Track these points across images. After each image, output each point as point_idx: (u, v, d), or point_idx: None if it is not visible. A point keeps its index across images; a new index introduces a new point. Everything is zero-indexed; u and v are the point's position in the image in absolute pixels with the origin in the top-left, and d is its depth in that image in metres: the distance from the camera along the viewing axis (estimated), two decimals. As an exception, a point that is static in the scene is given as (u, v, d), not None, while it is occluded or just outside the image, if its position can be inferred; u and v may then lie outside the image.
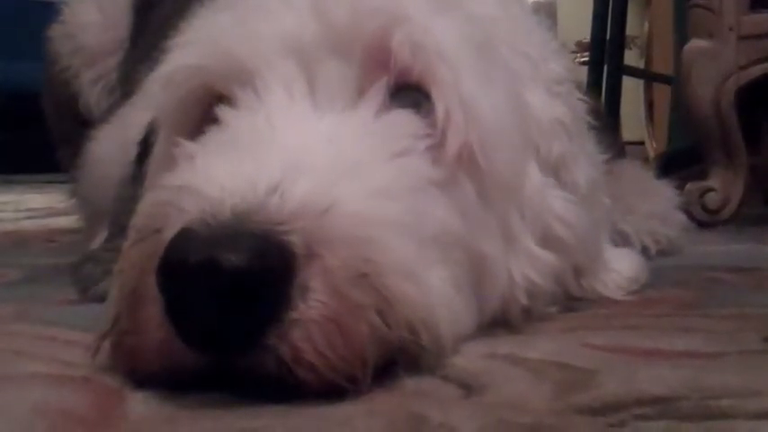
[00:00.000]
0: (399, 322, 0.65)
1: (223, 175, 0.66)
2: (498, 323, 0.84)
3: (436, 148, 0.79)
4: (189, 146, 0.76)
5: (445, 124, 0.79)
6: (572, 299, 0.94)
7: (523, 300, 0.85)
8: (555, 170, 0.91)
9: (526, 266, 0.85)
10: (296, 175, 0.66)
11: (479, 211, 0.81)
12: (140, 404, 0.63)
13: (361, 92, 0.79)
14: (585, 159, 0.96)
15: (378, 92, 0.78)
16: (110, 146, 1.44)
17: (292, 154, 0.69)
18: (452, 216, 0.77)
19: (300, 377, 0.62)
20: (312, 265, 0.62)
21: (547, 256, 0.87)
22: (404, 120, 0.78)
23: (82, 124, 1.69)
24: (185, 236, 0.61)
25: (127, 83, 1.61)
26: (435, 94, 0.79)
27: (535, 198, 0.87)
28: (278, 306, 0.61)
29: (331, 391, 0.62)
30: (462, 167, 0.80)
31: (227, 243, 0.60)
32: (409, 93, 0.80)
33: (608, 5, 3.07)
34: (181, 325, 0.62)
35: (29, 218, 2.57)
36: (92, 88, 1.74)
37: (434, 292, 0.71)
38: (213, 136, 0.77)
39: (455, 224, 0.77)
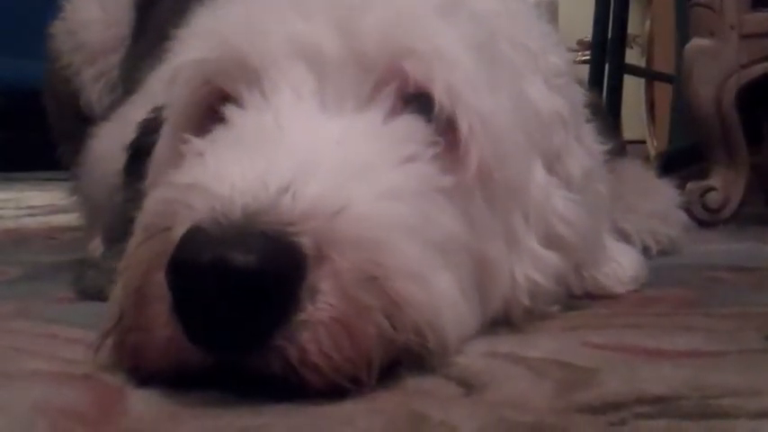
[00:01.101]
0: (406, 325, 0.66)
1: (233, 174, 0.65)
2: (499, 322, 0.84)
3: (445, 157, 0.78)
4: (197, 143, 0.76)
5: (468, 141, 0.79)
6: (574, 297, 0.94)
7: (525, 301, 0.85)
8: (551, 163, 0.91)
9: (529, 267, 0.85)
10: (307, 176, 0.66)
11: (485, 215, 0.81)
12: (141, 402, 0.63)
13: (370, 98, 0.78)
14: (581, 150, 0.96)
15: (387, 97, 0.78)
16: (111, 143, 1.43)
17: (302, 154, 0.69)
18: (459, 221, 0.78)
19: (305, 378, 0.62)
20: (322, 266, 0.62)
21: (550, 256, 0.87)
22: (412, 126, 0.78)
23: (83, 122, 1.69)
24: (196, 234, 0.61)
25: (128, 80, 1.60)
26: (459, 112, 0.79)
27: (539, 198, 0.87)
28: (287, 307, 0.61)
29: (334, 391, 0.62)
30: (475, 176, 0.80)
31: (238, 243, 0.60)
32: (418, 99, 0.80)
33: (609, 4, 3.07)
34: (188, 323, 0.62)
35: (29, 215, 2.56)
36: (93, 85, 1.74)
37: (441, 296, 0.71)
38: (220, 134, 0.76)
39: (461, 229, 0.78)
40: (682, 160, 2.33)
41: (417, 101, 0.80)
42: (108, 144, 1.47)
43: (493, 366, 0.71)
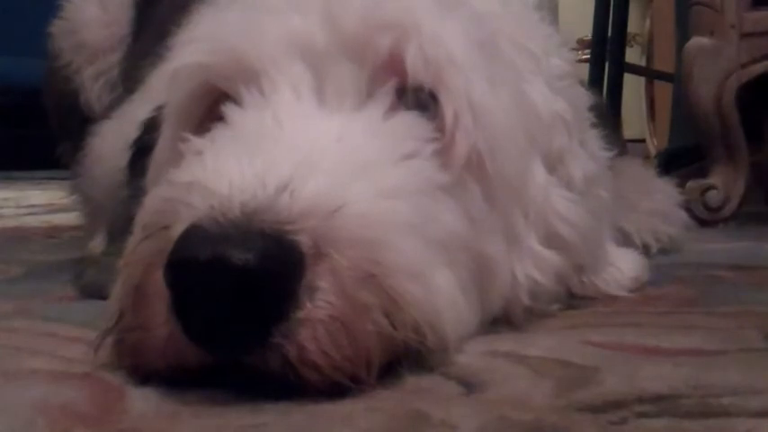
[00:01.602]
0: (405, 323, 0.66)
1: (232, 172, 0.65)
2: (500, 321, 0.84)
3: (444, 152, 0.78)
4: (197, 141, 0.76)
5: (453, 129, 0.79)
6: (573, 297, 0.94)
7: (526, 300, 0.85)
8: (553, 165, 0.91)
9: (529, 266, 0.85)
10: (306, 174, 0.66)
11: (485, 214, 0.81)
12: (141, 401, 0.63)
13: (369, 94, 0.79)
14: (584, 154, 0.96)
15: (386, 93, 0.78)
16: (112, 142, 1.44)
17: (302, 152, 0.69)
18: (458, 219, 0.78)
19: (304, 376, 0.62)
20: (320, 264, 0.62)
21: (550, 256, 0.87)
22: (412, 122, 0.78)
23: (83, 120, 1.69)
24: (194, 232, 0.61)
25: (128, 79, 1.60)
26: (444, 99, 0.79)
27: (539, 197, 0.87)
28: (285, 305, 0.61)
29: (334, 389, 0.62)
30: (470, 171, 0.80)
31: (236, 241, 0.60)
32: (416, 94, 0.80)
33: (609, 3, 3.07)
34: (187, 321, 0.62)
35: (30, 214, 2.57)
36: (93, 84, 1.74)
37: (440, 294, 0.71)
38: (219, 133, 0.76)
39: (461, 227, 0.78)
40: (682, 159, 2.33)
41: (417, 96, 0.80)
42: (109, 143, 1.47)
43: (493, 365, 0.71)
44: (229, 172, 0.65)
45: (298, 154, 0.68)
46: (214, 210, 0.62)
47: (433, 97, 0.80)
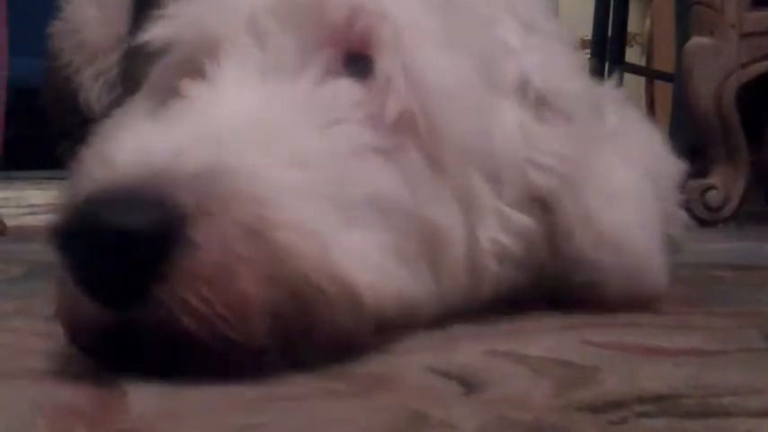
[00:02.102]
0: (293, 275, 0.65)
1: (130, 145, 0.67)
2: (492, 310, 0.83)
3: (377, 116, 0.78)
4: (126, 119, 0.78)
5: (385, 89, 0.79)
6: (570, 289, 0.90)
7: (493, 266, 0.82)
8: (542, 100, 0.86)
9: (494, 229, 0.82)
10: (203, 142, 0.67)
11: (430, 179, 0.79)
12: (141, 401, 0.63)
13: (310, 60, 0.79)
14: (572, 72, 0.92)
15: (322, 60, 0.79)
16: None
17: (209, 123, 0.70)
18: (393, 182, 0.77)
19: (190, 328, 0.63)
20: (201, 222, 0.63)
21: (520, 218, 0.84)
22: (346, 88, 0.78)
23: (82, 120, 1.69)
24: (80, 203, 0.64)
25: (128, 79, 1.61)
26: (377, 58, 0.79)
27: (509, 152, 0.83)
28: (164, 262, 0.63)
29: (226, 347, 0.64)
30: (407, 134, 0.79)
31: (115, 205, 0.62)
32: (360, 61, 0.80)
33: (609, 3, 3.07)
34: (79, 283, 0.65)
35: (30, 214, 2.57)
36: (93, 84, 1.74)
37: (348, 252, 0.69)
38: (163, 110, 0.78)
39: (396, 191, 0.76)
40: (682, 159, 2.32)
41: (361, 62, 0.80)
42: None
43: (492, 365, 0.71)
44: (128, 145, 0.67)
45: (206, 125, 0.70)
46: (101, 181, 0.65)
47: (372, 62, 0.80)
